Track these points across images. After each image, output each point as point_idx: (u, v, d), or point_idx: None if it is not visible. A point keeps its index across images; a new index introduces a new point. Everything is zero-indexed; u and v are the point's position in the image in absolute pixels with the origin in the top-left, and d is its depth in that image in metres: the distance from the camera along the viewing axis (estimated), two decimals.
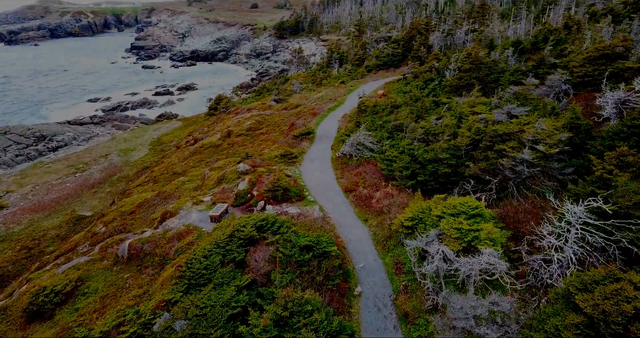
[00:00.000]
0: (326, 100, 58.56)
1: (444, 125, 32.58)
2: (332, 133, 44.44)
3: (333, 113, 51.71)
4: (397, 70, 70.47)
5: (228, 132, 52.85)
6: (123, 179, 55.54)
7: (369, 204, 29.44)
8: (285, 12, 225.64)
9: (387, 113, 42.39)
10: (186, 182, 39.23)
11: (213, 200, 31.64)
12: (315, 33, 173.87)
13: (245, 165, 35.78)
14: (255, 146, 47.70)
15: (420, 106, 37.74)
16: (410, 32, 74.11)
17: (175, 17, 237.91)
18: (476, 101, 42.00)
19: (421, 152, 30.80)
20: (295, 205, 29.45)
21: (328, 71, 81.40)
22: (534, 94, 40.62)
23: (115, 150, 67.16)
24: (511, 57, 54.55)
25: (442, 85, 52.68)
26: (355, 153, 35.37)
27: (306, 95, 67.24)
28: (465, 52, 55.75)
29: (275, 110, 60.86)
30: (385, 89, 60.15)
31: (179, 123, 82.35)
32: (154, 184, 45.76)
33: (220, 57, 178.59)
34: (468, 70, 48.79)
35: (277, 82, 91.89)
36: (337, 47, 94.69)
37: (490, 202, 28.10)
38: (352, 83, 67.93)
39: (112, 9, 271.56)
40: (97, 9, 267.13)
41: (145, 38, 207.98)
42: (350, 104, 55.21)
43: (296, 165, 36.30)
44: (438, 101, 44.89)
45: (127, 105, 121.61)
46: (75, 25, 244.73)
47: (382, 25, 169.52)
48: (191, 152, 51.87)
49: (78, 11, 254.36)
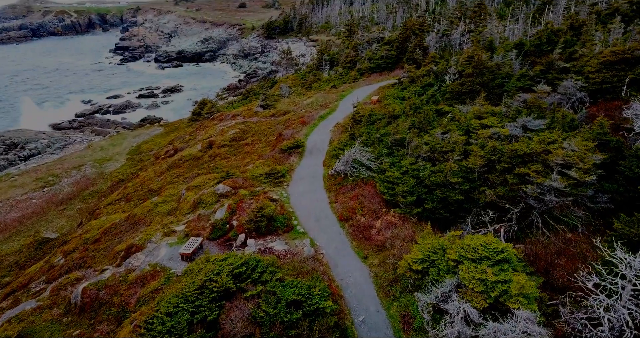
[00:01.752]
0: (317, 107, 54.07)
1: (452, 142, 28.28)
2: (323, 145, 39.98)
3: (324, 122, 47.24)
4: (391, 74, 66.19)
5: (210, 142, 48.14)
6: (95, 194, 50.54)
7: (368, 236, 25.04)
8: (273, 12, 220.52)
9: (385, 124, 38.03)
10: (160, 203, 34.49)
11: (186, 231, 27.01)
12: (304, 33, 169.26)
13: (225, 186, 31.16)
14: (239, 159, 43.10)
15: (423, 118, 33.41)
16: (405, 33, 69.89)
17: (162, 17, 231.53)
18: (483, 110, 37.85)
19: (427, 173, 26.47)
20: (281, 239, 24.93)
21: (318, 74, 76.88)
22: (546, 102, 36.53)
23: (90, 160, 62.00)
24: (515, 60, 50.56)
25: (442, 91, 48.47)
26: (351, 172, 30.94)
27: (295, 100, 62.69)
28: (466, 54, 51.61)
29: (261, 117, 56.25)
30: (380, 95, 55.81)
31: (161, 129, 77.30)
32: (126, 203, 40.92)
33: (207, 58, 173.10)
34: (471, 75, 44.62)
35: (265, 85, 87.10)
36: (328, 49, 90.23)
37: (510, 234, 23.95)
38: (344, 87, 63.52)
39: (96, 8, 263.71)
40: (81, 8, 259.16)
41: (130, 38, 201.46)
42: (342, 111, 50.80)
43: (283, 186, 31.77)
44: (440, 110, 40.62)
45: (109, 108, 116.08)
46: (58, 25, 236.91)
47: (372, 25, 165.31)
48: (169, 165, 47.07)
49: (61, 10, 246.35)
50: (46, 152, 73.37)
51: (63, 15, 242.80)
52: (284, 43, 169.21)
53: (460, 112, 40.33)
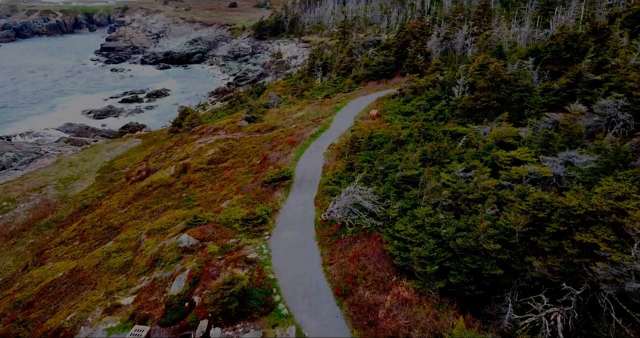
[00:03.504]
0: (308, 122, 47.31)
1: (480, 187, 21.62)
2: (315, 175, 33.25)
3: (316, 142, 40.48)
4: (390, 82, 59.52)
5: (184, 166, 41.21)
6: (54, 224, 43.49)
7: (374, 321, 18.38)
8: (265, 12, 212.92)
9: (389, 150, 31.33)
10: (113, 253, 27.60)
11: (133, 310, 20.18)
12: (296, 34, 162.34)
13: (190, 238, 24.37)
14: (215, 189, 36.25)
15: (437, 148, 26.75)
16: (404, 37, 63.22)
17: (150, 17, 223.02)
18: (505, 134, 31.35)
19: (451, 231, 19.88)
20: (258, 326, 18.19)
21: (310, 81, 70.03)
22: (582, 125, 30.07)
23: (54, 179, 54.77)
24: (532, 71, 44.14)
25: (450, 105, 41.89)
26: (350, 220, 24.24)
27: (284, 112, 55.87)
28: (477, 63, 45.10)
29: (246, 132, 49.37)
30: (379, 107, 49.16)
31: (139, 141, 70.10)
32: (79, 244, 33.94)
33: (195, 59, 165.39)
34: (486, 88, 38.04)
35: (253, 91, 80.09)
36: (320, 52, 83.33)
37: (568, 323, 17.52)
38: (338, 97, 56.75)
39: (83, 7, 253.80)
40: (67, 7, 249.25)
41: (116, 39, 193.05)
42: (337, 127, 44.10)
43: (264, 237, 24.99)
44: (452, 132, 34.00)
45: (89, 114, 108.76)
46: (43, 24, 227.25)
47: (366, 25, 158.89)
48: (137, 192, 40.11)
49: (46, 10, 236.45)
50: (11, 167, 65.87)
51: (48, 15, 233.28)
52: (275, 44, 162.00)
53: (476, 135, 33.77)
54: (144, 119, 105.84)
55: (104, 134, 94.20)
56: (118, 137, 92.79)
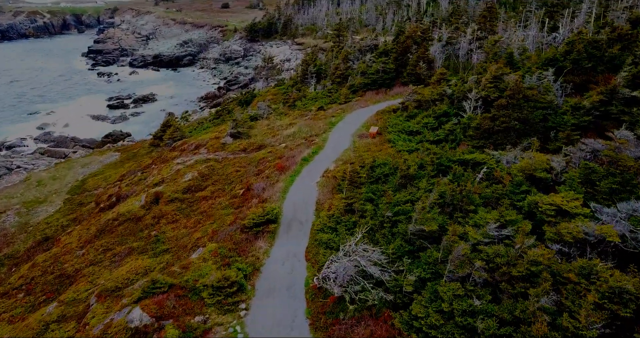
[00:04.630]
0: (300, 140, 41.49)
1: (527, 260, 15.88)
2: (307, 213, 27.48)
3: (309, 167, 34.67)
4: (390, 92, 53.80)
5: (156, 195, 35.28)
6: (7, 261, 37.40)
7: None
8: (258, 13, 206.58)
9: (396, 185, 25.61)
10: (53, 323, 21.74)
11: None
12: (289, 35, 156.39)
13: (144, 315, 18.55)
14: (189, 227, 30.39)
15: (460, 193, 21.01)
16: (404, 42, 57.50)
17: (140, 18, 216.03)
18: (535, 165, 25.77)
19: (492, 327, 14.24)
20: None
21: (303, 89, 64.16)
22: (631, 156, 24.50)
23: (18, 202, 48.66)
24: (553, 83, 38.66)
25: (462, 124, 36.19)
26: (352, 292, 18.48)
27: (274, 126, 50.02)
28: (490, 73, 39.48)
29: (230, 151, 43.46)
30: (380, 122, 43.44)
31: (117, 155, 63.99)
32: (24, 296, 28.02)
33: (185, 62, 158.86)
34: (505, 106, 32.40)
35: (242, 98, 74.11)
36: (314, 57, 77.43)
37: None
38: (333, 110, 50.96)
39: (71, 8, 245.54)
40: (55, 8, 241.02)
41: (104, 41, 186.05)
42: (333, 148, 38.31)
43: (239, 312, 19.14)
44: (469, 161, 28.30)
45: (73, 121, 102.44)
46: (30, 26, 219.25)
47: (361, 27, 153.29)
48: (101, 227, 34.15)
49: (33, 11, 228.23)
50: None
51: (35, 16, 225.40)
52: (268, 46, 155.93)
53: (498, 164, 28.13)
54: (129, 126, 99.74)
55: (85, 143, 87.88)
56: (99, 146, 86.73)
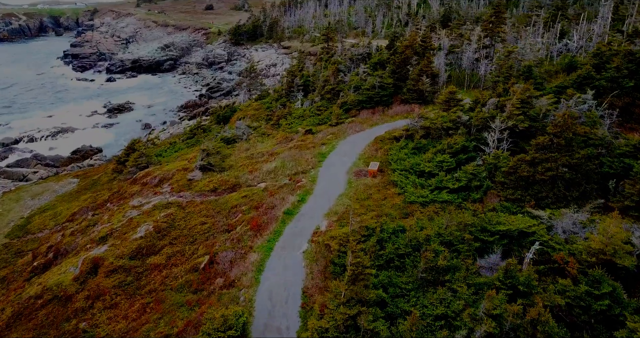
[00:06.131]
0: (283, 179, 33.09)
1: None
2: (290, 313, 19.10)
3: (294, 224, 26.27)
4: (388, 111, 45.60)
5: (94, 263, 26.62)
6: None
7: None
8: (243, 14, 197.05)
9: (419, 278, 17.42)
10: None
11: None
12: (275, 39, 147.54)
13: None
14: (131, 318, 21.92)
15: (531, 321, 12.91)
16: (403, 53, 49.34)
17: (120, 20, 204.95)
18: (612, 244, 17.89)
19: None
20: None
21: (288, 105, 55.65)
22: None
23: None
24: (595, 108, 30.94)
25: (487, 163, 28.10)
26: None
27: (254, 153, 41.55)
28: (515, 97, 31.43)
29: (197, 192, 34.90)
30: (380, 154, 35.24)
31: (75, 182, 54.97)
32: None
33: (166, 67, 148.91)
34: (549, 146, 24.37)
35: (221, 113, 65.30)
36: (300, 66, 68.80)
37: None
38: (323, 134, 42.59)
39: (49, 10, 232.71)
40: (32, 10, 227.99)
41: (81, 44, 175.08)
42: (323, 193, 29.97)
43: None
44: (511, 233, 20.22)
45: (39, 134, 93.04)
46: (5, 29, 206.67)
47: (350, 29, 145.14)
48: (17, 310, 25.42)
49: (8, 13, 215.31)
50: None
51: (10, 18, 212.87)
52: (253, 50, 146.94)
53: (552, 236, 20.12)
54: (102, 139, 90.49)
55: (49, 161, 78.49)
56: (65, 164, 77.61)
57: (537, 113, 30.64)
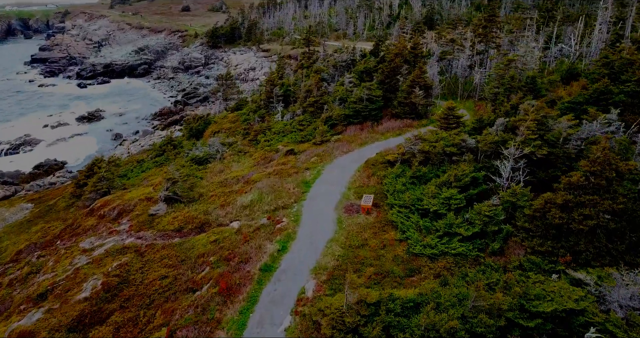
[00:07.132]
0: (260, 218, 27.75)
1: None
2: None
3: (272, 285, 20.96)
4: (378, 128, 40.60)
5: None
6: None
7: None
8: (220, 16, 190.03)
9: None
10: None
11: None
12: (254, 41, 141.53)
13: None
14: None
15: None
16: (393, 61, 44.43)
17: (93, 22, 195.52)
18: None
19: None
20: None
21: (268, 120, 50.13)
22: None
23: None
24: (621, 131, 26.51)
25: (504, 202, 23.29)
26: None
27: (227, 180, 36.08)
28: (531, 118, 26.72)
29: (159, 231, 29.29)
30: (373, 182, 30.21)
31: (29, 208, 48.45)
32: None
33: (140, 72, 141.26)
34: (584, 186, 19.68)
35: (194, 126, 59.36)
36: (281, 73, 63.32)
37: None
38: (307, 155, 37.32)
39: (17, 12, 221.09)
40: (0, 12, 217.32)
41: (51, 48, 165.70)
42: (309, 238, 24.70)
43: None
44: (557, 314, 15.43)
45: None
46: None
47: (331, 31, 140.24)
48: None
49: None
50: None
51: None
52: (231, 53, 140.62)
53: (611, 319, 15.36)
54: (68, 151, 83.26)
55: (7, 179, 71.40)
56: (26, 180, 71.10)
57: (556, 137, 25.97)
